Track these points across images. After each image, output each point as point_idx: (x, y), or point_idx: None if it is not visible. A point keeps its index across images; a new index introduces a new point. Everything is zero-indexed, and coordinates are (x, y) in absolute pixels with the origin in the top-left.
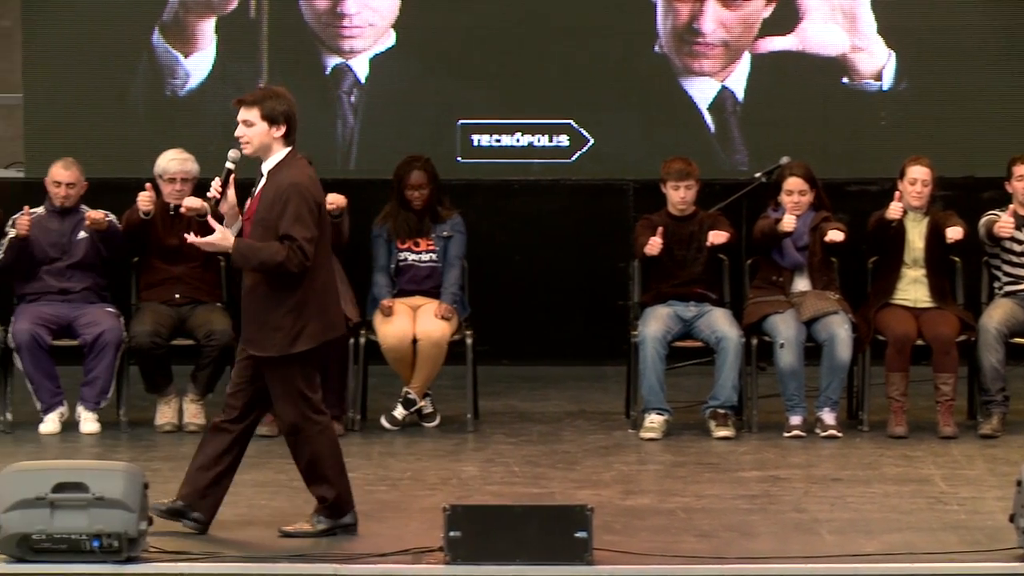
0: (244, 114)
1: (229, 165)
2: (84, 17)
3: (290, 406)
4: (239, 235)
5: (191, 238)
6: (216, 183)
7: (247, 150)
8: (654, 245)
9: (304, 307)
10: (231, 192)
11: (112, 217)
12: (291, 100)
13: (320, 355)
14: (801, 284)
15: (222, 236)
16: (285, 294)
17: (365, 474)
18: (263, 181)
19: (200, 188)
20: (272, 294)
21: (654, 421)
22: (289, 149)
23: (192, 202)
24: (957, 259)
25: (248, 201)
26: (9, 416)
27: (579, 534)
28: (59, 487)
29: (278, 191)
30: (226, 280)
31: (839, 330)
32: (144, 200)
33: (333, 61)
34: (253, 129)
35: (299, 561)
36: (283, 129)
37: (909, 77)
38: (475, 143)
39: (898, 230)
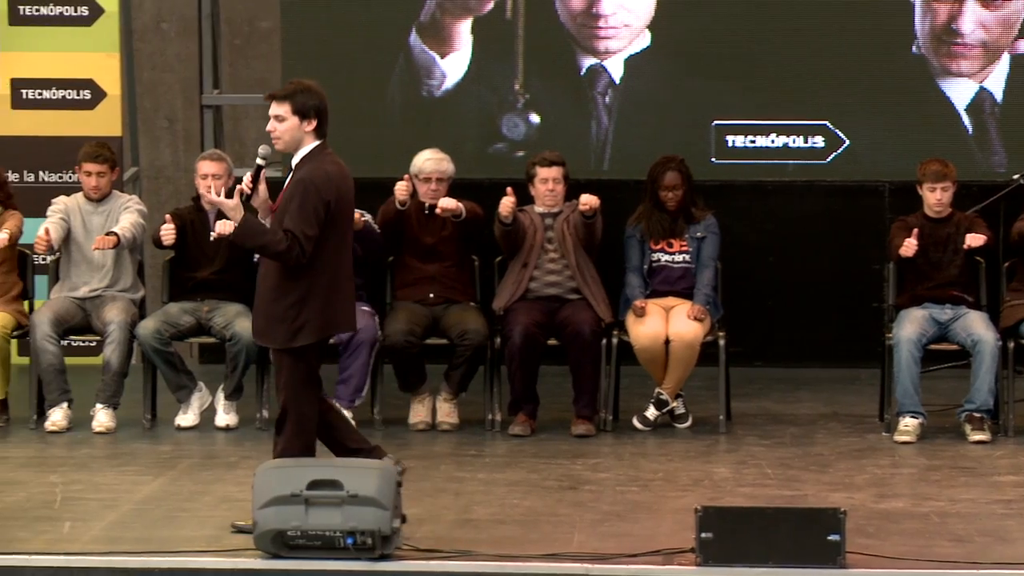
0: (275, 109)
1: (260, 161)
2: (342, 18)
3: (288, 394)
4: None
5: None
6: (247, 178)
7: (278, 145)
8: (909, 247)
9: (305, 303)
10: (262, 187)
11: (368, 217)
12: (322, 94)
13: (320, 350)
14: None
15: (235, 204)
16: (289, 288)
17: (617, 475)
18: (291, 175)
19: (456, 188)
20: (277, 286)
21: (908, 424)
22: (318, 143)
23: (448, 203)
24: None
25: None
26: (265, 413)
27: (831, 537)
28: (314, 484)
29: (293, 185)
30: (480, 279)
31: None
32: (401, 190)
33: (588, 62)
34: (284, 124)
35: (551, 560)
36: (314, 123)
37: None
38: (730, 144)
39: None
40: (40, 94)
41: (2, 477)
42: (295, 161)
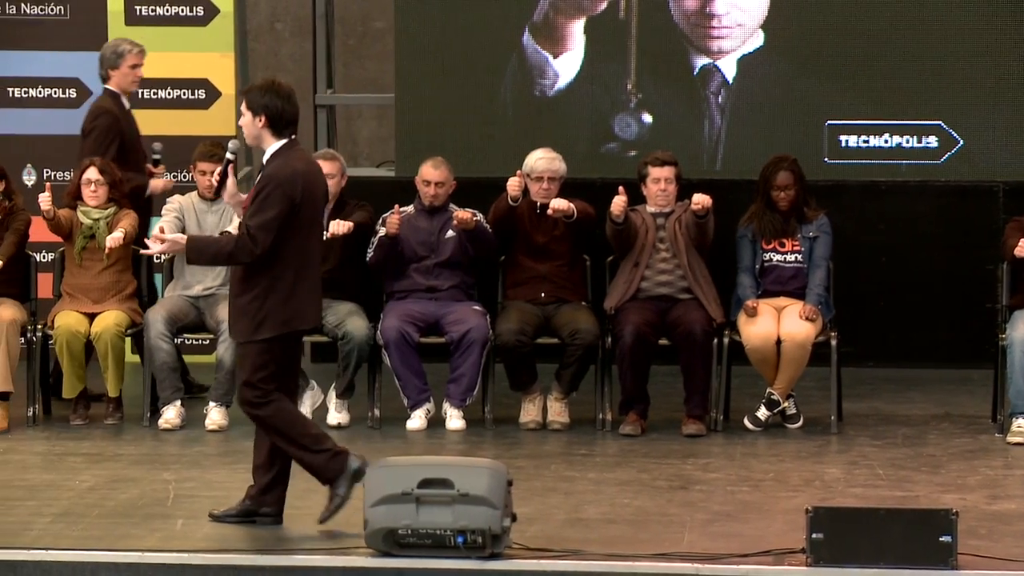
0: (241, 104)
1: (229, 156)
2: (455, 19)
3: (243, 390)
4: None
5: (150, 248)
6: (216, 172)
7: (247, 140)
8: (1023, 248)
9: (268, 297)
10: (231, 182)
11: (480, 216)
12: (279, 91)
13: (291, 346)
14: None
15: (174, 240)
16: (253, 282)
17: (728, 475)
18: (260, 172)
19: (568, 187)
20: (243, 280)
21: (1021, 426)
22: (284, 142)
23: (559, 203)
24: None
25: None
26: (377, 412)
27: (943, 538)
28: (425, 483)
29: (259, 181)
30: (591, 278)
31: None
32: (513, 186)
33: (701, 61)
34: (243, 119)
35: (661, 560)
36: (263, 120)
37: None
38: (843, 144)
39: None
40: (155, 94)
41: (116, 474)
42: (265, 158)
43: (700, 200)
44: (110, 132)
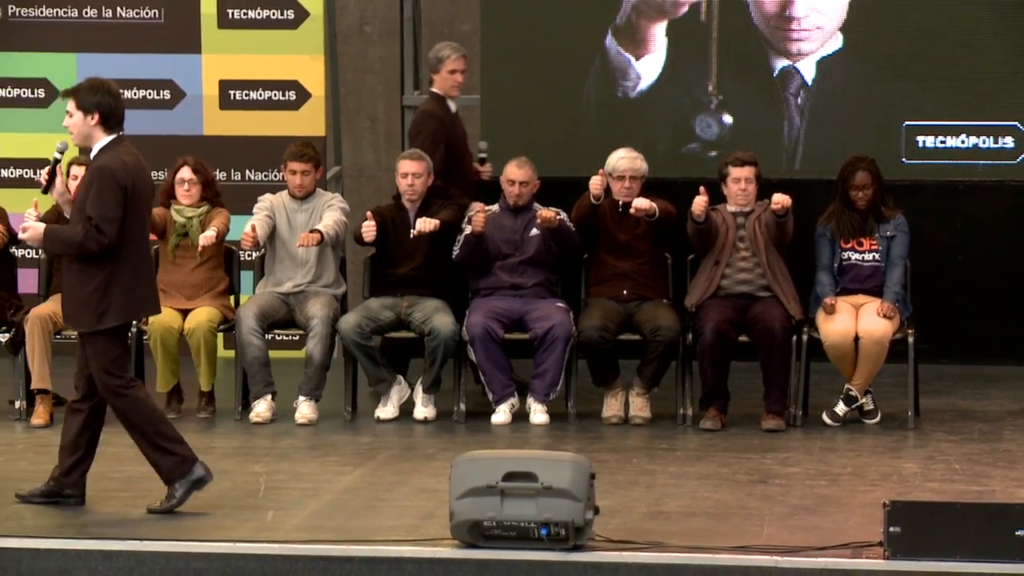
0: (67, 105)
1: (56, 155)
2: (540, 22)
3: (104, 378)
4: None
5: (22, 234)
6: (44, 172)
7: (73, 140)
8: None
9: (110, 285)
10: (59, 180)
11: (563, 215)
12: (108, 90)
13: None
14: None
15: (33, 230)
16: (93, 272)
17: (806, 469)
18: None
19: (649, 187)
20: (82, 272)
21: None
22: (113, 136)
23: (641, 203)
24: None
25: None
26: (463, 407)
27: (1020, 532)
28: (509, 476)
29: (90, 173)
30: (672, 276)
31: None
32: (596, 184)
33: (781, 64)
34: (72, 120)
35: (741, 552)
36: (97, 118)
37: None
38: (920, 144)
39: None
40: (247, 95)
41: (209, 466)
42: (92, 154)
43: (780, 199)
44: (436, 136)
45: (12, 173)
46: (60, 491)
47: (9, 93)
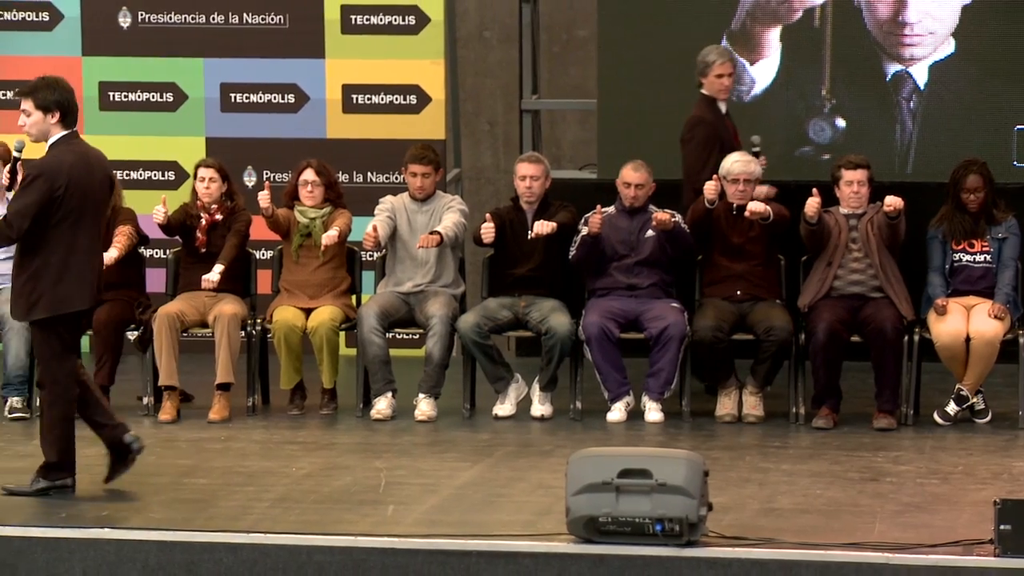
0: (23, 104)
1: (16, 154)
2: (656, 27)
3: (42, 366)
4: None
5: None
6: (6, 171)
7: (30, 138)
8: None
9: (39, 279)
10: (20, 178)
11: (678, 217)
12: (64, 87)
13: (75, 326)
14: None
15: None
16: (25, 265)
17: (917, 467)
18: None
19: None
20: (18, 263)
21: None
22: (65, 133)
23: (756, 206)
24: None
25: None
26: (579, 404)
27: None
28: (625, 473)
29: (26, 170)
30: (785, 277)
31: None
32: (710, 189)
33: (893, 68)
34: (31, 118)
35: (852, 549)
36: (57, 115)
37: None
38: None
39: None
40: (369, 99)
41: (330, 462)
42: (47, 148)
43: (892, 202)
44: (708, 142)
45: (141, 175)
46: (119, 441)
47: (139, 97)
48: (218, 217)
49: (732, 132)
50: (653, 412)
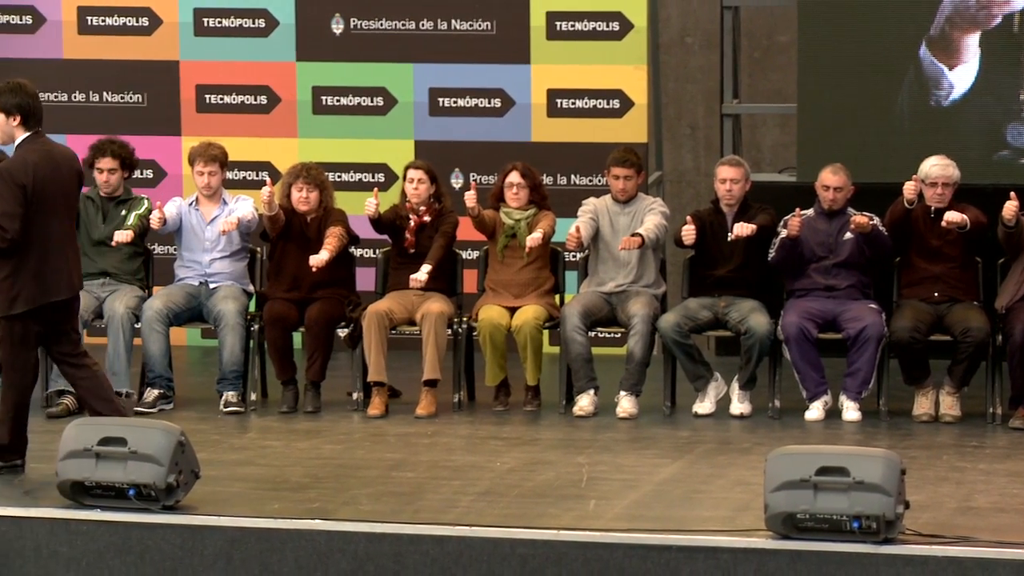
0: None
1: None
2: (855, 33)
3: (2, 356)
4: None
5: None
6: None
7: None
8: None
9: (18, 274)
10: None
11: (876, 220)
12: (27, 91)
13: (46, 319)
14: None
15: None
16: (3, 264)
17: None
18: None
19: (961, 193)
20: None
21: None
22: (29, 134)
23: (953, 216)
24: None
25: None
26: (777, 403)
27: None
28: (823, 471)
29: None
30: (983, 279)
31: None
32: (909, 190)
33: None
34: None
35: None
36: (19, 118)
37: None
38: None
39: None
40: (573, 103)
41: (534, 457)
42: (12, 150)
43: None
44: None
45: (352, 177)
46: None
47: (350, 101)
48: (426, 219)
49: None
50: (851, 411)
